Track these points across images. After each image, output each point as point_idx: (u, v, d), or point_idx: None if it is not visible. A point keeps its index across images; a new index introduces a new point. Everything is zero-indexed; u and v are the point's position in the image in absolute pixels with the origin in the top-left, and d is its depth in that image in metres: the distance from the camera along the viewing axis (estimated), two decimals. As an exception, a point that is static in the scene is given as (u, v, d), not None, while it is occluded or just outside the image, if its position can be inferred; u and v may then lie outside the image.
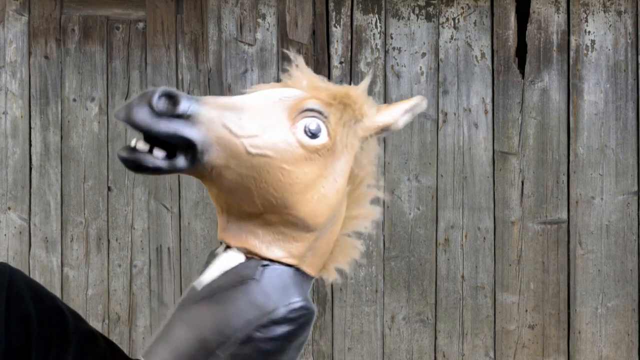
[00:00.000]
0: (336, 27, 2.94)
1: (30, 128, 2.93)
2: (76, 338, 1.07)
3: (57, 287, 2.91)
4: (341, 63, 2.93)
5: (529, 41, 2.93)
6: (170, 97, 0.90)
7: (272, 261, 0.98)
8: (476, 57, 2.93)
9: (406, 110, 1.08)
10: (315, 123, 0.98)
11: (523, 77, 2.93)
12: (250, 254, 0.98)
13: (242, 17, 2.94)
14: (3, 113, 2.92)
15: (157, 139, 0.91)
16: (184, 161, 0.91)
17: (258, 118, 0.95)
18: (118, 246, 2.93)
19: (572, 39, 2.93)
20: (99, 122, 2.93)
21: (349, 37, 2.94)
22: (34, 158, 2.92)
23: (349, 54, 2.93)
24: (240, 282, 0.96)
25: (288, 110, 0.98)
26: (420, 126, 2.93)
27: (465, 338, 2.93)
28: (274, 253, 0.98)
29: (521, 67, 2.93)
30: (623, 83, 2.93)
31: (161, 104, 0.90)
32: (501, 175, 2.93)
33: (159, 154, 0.91)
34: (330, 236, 1.04)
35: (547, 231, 2.92)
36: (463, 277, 2.92)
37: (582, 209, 2.92)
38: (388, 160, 2.92)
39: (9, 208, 2.92)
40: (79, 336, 1.08)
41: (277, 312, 0.94)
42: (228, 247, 1.00)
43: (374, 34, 2.94)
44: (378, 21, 2.94)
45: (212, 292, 0.96)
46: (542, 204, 2.92)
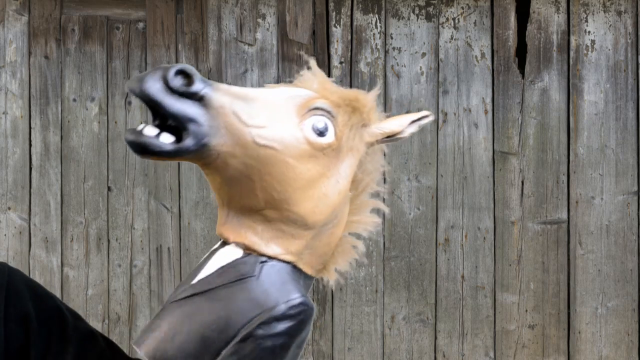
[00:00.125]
0: (336, 27, 2.94)
1: (30, 128, 2.93)
2: (75, 337, 1.07)
3: (57, 287, 2.91)
4: (341, 63, 2.93)
5: (529, 41, 2.93)
6: (186, 75, 0.90)
7: (270, 257, 0.98)
8: (476, 57, 2.93)
9: (413, 121, 1.10)
10: (323, 122, 0.99)
11: (523, 77, 2.93)
12: (248, 250, 0.98)
13: (242, 17, 2.94)
14: (3, 113, 2.92)
15: (167, 116, 0.90)
16: (192, 143, 0.90)
17: (268, 110, 0.96)
18: (118, 246, 2.93)
19: (572, 39, 2.93)
20: (99, 122, 2.93)
21: (349, 37, 2.94)
22: (34, 158, 2.92)
23: (349, 54, 2.93)
24: (239, 279, 0.96)
25: (298, 107, 0.99)
26: (420, 126, 2.92)
27: (465, 338, 2.93)
28: (272, 249, 0.99)
29: (521, 67, 2.93)
30: (623, 83, 2.92)
31: (176, 81, 0.89)
32: (501, 175, 2.93)
33: (167, 138, 0.90)
34: (331, 238, 1.04)
35: (547, 231, 2.92)
36: (463, 277, 2.92)
37: (582, 209, 2.92)
38: (388, 160, 2.91)
39: (9, 208, 2.92)
40: (79, 335, 1.08)
41: (278, 309, 0.94)
42: (225, 243, 1.01)
43: (374, 34, 2.94)
44: (378, 21, 2.94)
45: (210, 288, 0.96)
46: (542, 204, 2.92)
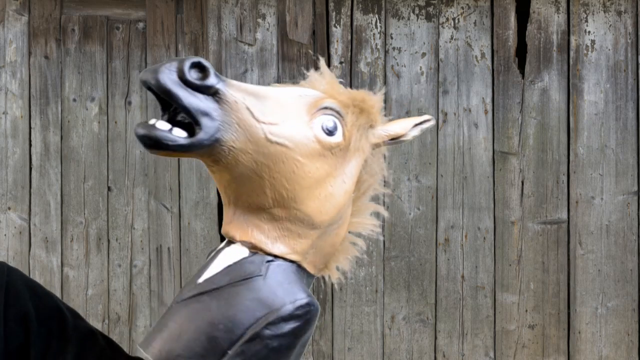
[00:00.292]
0: (336, 27, 2.94)
1: (30, 128, 2.93)
2: (75, 337, 1.07)
3: (57, 287, 2.91)
4: (341, 63, 2.93)
5: (529, 41, 2.93)
6: (201, 69, 0.90)
7: (276, 257, 0.98)
8: (476, 57, 2.93)
9: (416, 124, 1.11)
10: (332, 121, 1.00)
11: (523, 77, 2.93)
12: (254, 249, 0.98)
13: (242, 17, 2.94)
14: (3, 113, 2.92)
15: (180, 109, 0.89)
16: (206, 137, 0.90)
17: (279, 108, 0.97)
18: (118, 246, 2.93)
19: (572, 39, 2.93)
20: (99, 122, 2.93)
21: (349, 37, 2.94)
22: (34, 158, 2.92)
23: (349, 54, 2.93)
24: (246, 278, 0.96)
25: (308, 106, 1.00)
26: (420, 126, 2.92)
27: (465, 338, 2.93)
28: (279, 249, 0.99)
29: (521, 67, 2.93)
30: (623, 83, 2.92)
31: (192, 74, 0.89)
32: (501, 175, 2.93)
33: (180, 133, 0.90)
34: (335, 238, 1.04)
35: (547, 231, 2.92)
36: (463, 277, 2.92)
37: (582, 209, 2.92)
38: (388, 160, 2.91)
39: (9, 208, 2.92)
40: (78, 335, 1.08)
41: (285, 309, 0.94)
42: (231, 242, 1.00)
43: (374, 34, 2.94)
44: (378, 21, 2.94)
45: (216, 287, 0.96)
46: (542, 204, 2.92)
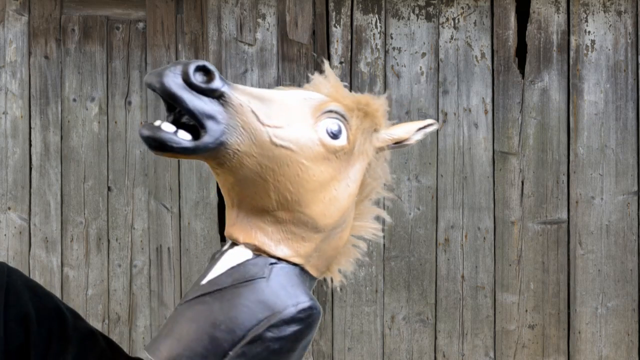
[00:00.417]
0: (336, 27, 2.94)
1: (30, 128, 2.93)
2: (76, 337, 1.07)
3: (57, 287, 2.91)
4: (341, 63, 2.93)
5: (529, 41, 2.93)
6: (206, 72, 0.90)
7: (280, 259, 0.99)
8: (476, 57, 2.93)
9: (420, 128, 1.11)
10: (336, 124, 1.00)
11: (523, 77, 2.93)
12: (258, 251, 0.99)
13: (242, 17, 2.94)
14: (3, 113, 2.92)
15: (185, 112, 0.89)
16: (211, 140, 0.90)
17: (284, 111, 0.96)
18: (118, 246, 2.93)
19: (572, 39, 2.93)
20: (99, 122, 2.93)
21: (349, 37, 2.94)
22: (34, 158, 2.92)
23: (349, 54, 2.93)
24: (249, 280, 0.96)
25: (312, 109, 0.99)
26: (420, 126, 2.92)
27: (465, 338, 2.93)
28: (282, 251, 0.98)
29: (521, 67, 2.93)
30: (623, 83, 2.92)
31: (197, 77, 0.89)
32: (501, 175, 2.93)
33: (185, 135, 0.90)
34: (338, 242, 1.05)
35: (547, 231, 2.92)
36: (463, 277, 2.92)
37: (582, 209, 2.92)
38: (388, 160, 2.91)
39: (9, 208, 2.92)
40: (79, 335, 1.08)
41: (287, 312, 0.94)
42: (234, 244, 1.01)
43: (374, 34, 2.94)
44: (378, 21, 2.94)
45: (219, 289, 0.96)
46: (542, 204, 2.92)
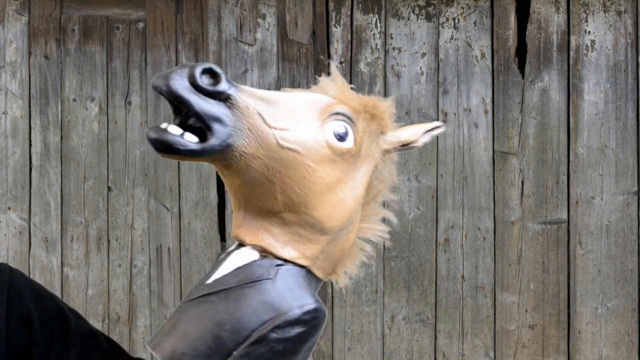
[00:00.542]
0: (336, 27, 2.94)
1: (30, 128, 2.93)
2: (78, 338, 1.07)
3: (57, 287, 2.91)
4: (341, 63, 2.93)
5: (529, 41, 2.93)
6: (212, 75, 0.90)
7: (286, 261, 0.98)
8: (476, 57, 2.93)
9: (427, 130, 1.11)
10: (343, 127, 1.00)
11: (523, 77, 2.93)
12: (264, 253, 0.98)
13: (242, 17, 2.94)
14: (3, 113, 2.92)
15: (192, 114, 0.89)
16: (217, 143, 0.90)
17: (291, 113, 0.96)
18: (118, 246, 2.93)
19: (572, 39, 2.93)
20: (99, 122, 2.93)
21: (349, 37, 2.94)
22: (34, 158, 2.92)
23: (349, 54, 2.93)
24: (254, 281, 0.96)
25: (319, 111, 0.99)
26: (420, 126, 2.92)
27: (465, 338, 2.93)
28: (289, 253, 0.98)
29: (521, 67, 2.93)
30: (623, 83, 2.93)
31: (203, 80, 0.89)
32: (501, 175, 2.93)
33: (192, 138, 0.90)
34: (344, 244, 1.05)
35: (547, 231, 2.92)
36: (463, 277, 2.92)
37: (582, 209, 2.92)
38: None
39: (9, 208, 2.92)
40: (81, 336, 1.08)
41: (292, 313, 0.94)
42: (241, 245, 1.00)
43: (374, 34, 2.94)
44: (378, 21, 2.94)
45: (225, 288, 0.96)
46: (542, 204, 2.92)
